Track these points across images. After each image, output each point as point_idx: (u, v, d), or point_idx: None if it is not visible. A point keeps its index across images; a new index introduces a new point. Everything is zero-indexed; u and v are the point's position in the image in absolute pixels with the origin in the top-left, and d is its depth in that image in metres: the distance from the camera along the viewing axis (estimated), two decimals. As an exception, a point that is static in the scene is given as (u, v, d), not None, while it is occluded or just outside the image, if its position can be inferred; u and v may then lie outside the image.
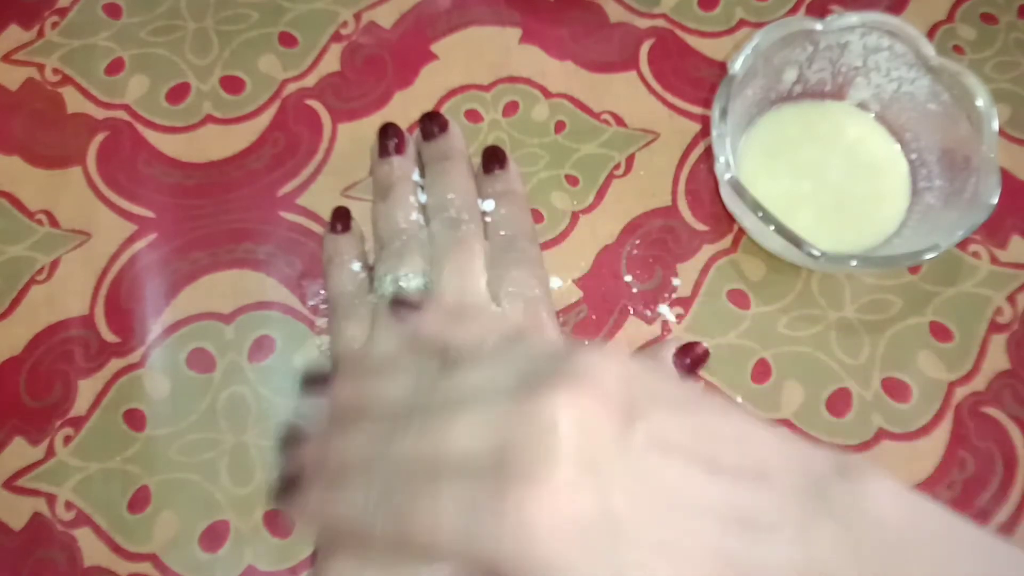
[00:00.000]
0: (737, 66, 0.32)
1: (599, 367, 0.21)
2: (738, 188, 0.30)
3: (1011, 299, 0.34)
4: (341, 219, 0.33)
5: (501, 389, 0.22)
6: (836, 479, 0.21)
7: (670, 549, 0.20)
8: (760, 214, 0.30)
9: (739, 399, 0.33)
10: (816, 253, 0.29)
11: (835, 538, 0.20)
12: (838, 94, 0.35)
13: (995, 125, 0.31)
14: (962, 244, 0.35)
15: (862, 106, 0.35)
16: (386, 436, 0.23)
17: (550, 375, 0.21)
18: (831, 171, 0.35)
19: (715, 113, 0.31)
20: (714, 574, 0.20)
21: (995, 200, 0.30)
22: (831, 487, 0.20)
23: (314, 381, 0.30)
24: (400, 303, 0.28)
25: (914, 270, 0.35)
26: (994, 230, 0.35)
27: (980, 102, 0.31)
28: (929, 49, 0.32)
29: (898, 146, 0.35)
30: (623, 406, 0.21)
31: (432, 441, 0.22)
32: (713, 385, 0.33)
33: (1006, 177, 0.36)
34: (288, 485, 0.26)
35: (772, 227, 0.30)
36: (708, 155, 0.36)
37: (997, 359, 0.33)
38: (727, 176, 0.31)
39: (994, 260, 0.35)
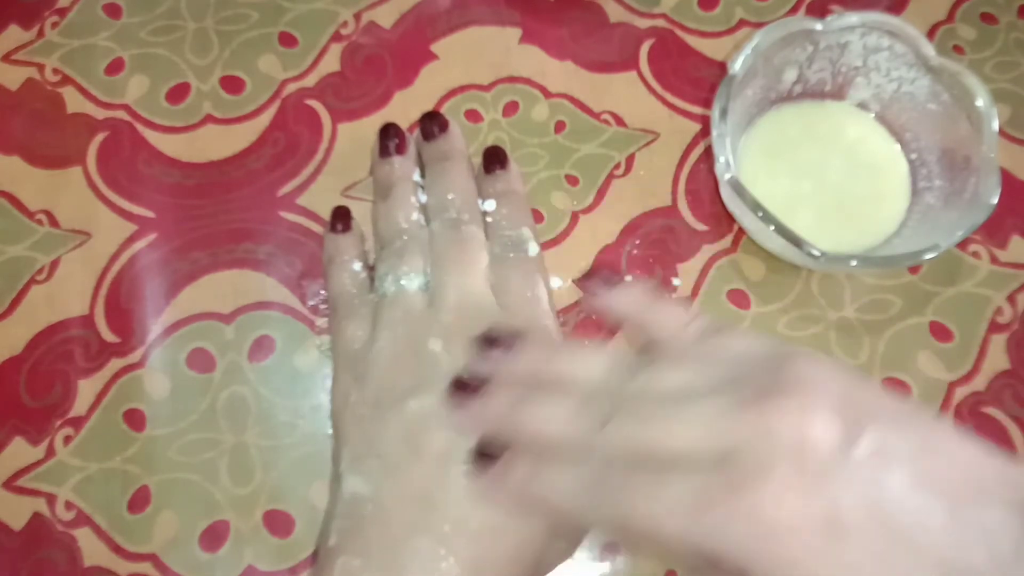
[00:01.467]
0: (737, 66, 0.32)
1: (820, 375, 0.22)
2: (738, 188, 0.30)
3: (1011, 299, 0.34)
4: (342, 219, 0.33)
5: (721, 388, 0.22)
6: None
7: (892, 559, 0.20)
8: (760, 214, 0.30)
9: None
10: (816, 253, 0.29)
11: None
12: (838, 94, 0.35)
13: (995, 125, 0.31)
14: (962, 244, 0.35)
15: (862, 106, 0.35)
16: (590, 417, 0.23)
17: (772, 382, 0.21)
18: (831, 171, 0.35)
19: (715, 113, 0.31)
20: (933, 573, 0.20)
21: (995, 200, 0.30)
22: None
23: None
24: (598, 277, 0.27)
25: (914, 270, 0.35)
26: (994, 230, 0.35)
27: (980, 102, 0.31)
28: (929, 49, 0.32)
29: (898, 146, 0.35)
30: (847, 416, 0.21)
31: (652, 434, 0.22)
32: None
33: (1006, 177, 0.36)
34: (488, 454, 0.25)
35: (772, 227, 0.30)
36: (708, 155, 0.36)
37: (997, 359, 0.33)
38: (727, 176, 0.31)
39: (994, 260, 0.35)
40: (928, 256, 0.30)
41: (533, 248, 0.32)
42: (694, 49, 0.38)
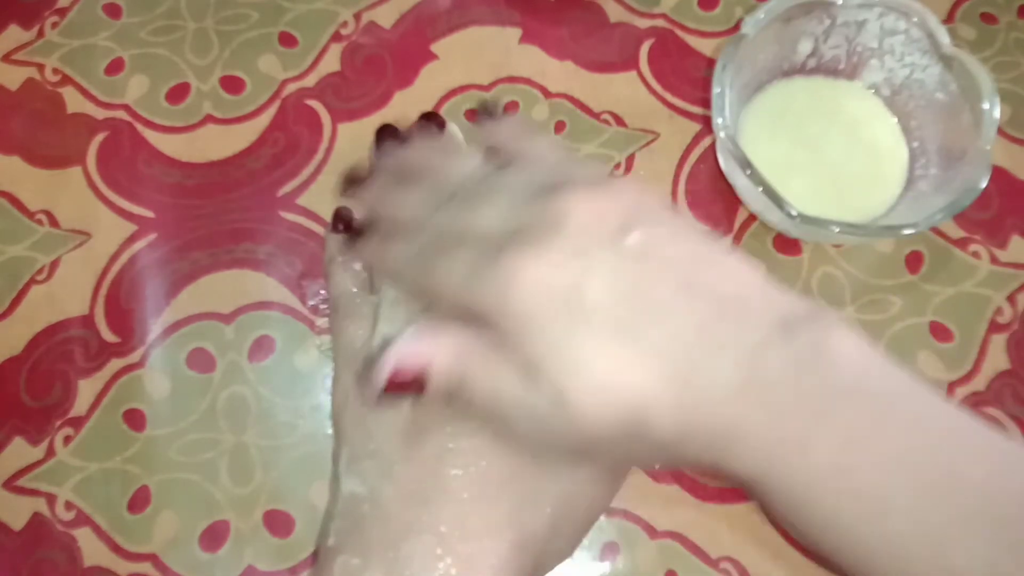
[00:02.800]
0: (749, 26, 0.32)
1: (620, 184, 0.24)
2: (731, 145, 0.30)
3: (1011, 299, 0.34)
4: (343, 219, 0.33)
5: (534, 186, 0.25)
6: (806, 320, 0.22)
7: (622, 338, 0.22)
8: (748, 171, 0.30)
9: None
10: (793, 213, 0.30)
11: (783, 365, 0.21)
12: (851, 74, 0.36)
13: (996, 119, 0.31)
14: (962, 244, 0.35)
15: (873, 89, 0.35)
16: (436, 206, 0.27)
17: (576, 180, 0.24)
18: (831, 147, 0.35)
19: (718, 69, 0.31)
20: (659, 370, 0.21)
21: (983, 184, 0.30)
22: (798, 325, 0.22)
23: (390, 134, 0.32)
24: (482, 110, 0.30)
25: (914, 270, 0.35)
26: (994, 230, 0.35)
27: (985, 94, 0.31)
28: (944, 36, 0.32)
29: (902, 133, 0.35)
30: (628, 216, 0.23)
31: (465, 217, 0.25)
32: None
33: (1006, 177, 0.36)
34: (355, 229, 0.30)
35: (760, 187, 0.30)
36: (708, 155, 0.36)
37: (997, 359, 0.33)
38: (722, 133, 0.31)
39: (994, 260, 0.35)
40: (906, 232, 0.30)
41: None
42: (694, 49, 0.38)
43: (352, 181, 0.31)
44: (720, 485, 0.31)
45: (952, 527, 0.20)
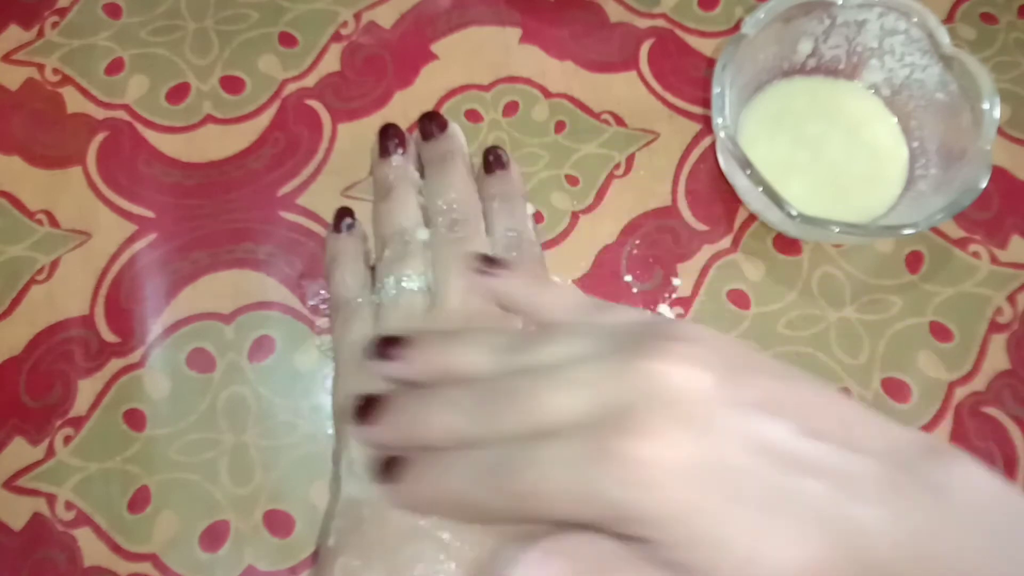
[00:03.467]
0: (749, 25, 0.32)
1: (699, 332, 0.22)
2: (731, 145, 0.30)
3: (1011, 299, 0.34)
4: (344, 219, 0.33)
5: (600, 353, 0.22)
6: (928, 457, 0.21)
7: (775, 503, 0.20)
8: (748, 172, 0.30)
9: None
10: (793, 213, 0.30)
11: (929, 512, 0.20)
12: (851, 74, 0.36)
13: (996, 119, 0.31)
14: (962, 244, 0.35)
15: (873, 89, 0.35)
16: (484, 412, 0.23)
17: (651, 338, 0.21)
18: (831, 147, 0.35)
19: (717, 68, 0.31)
20: (815, 531, 0.20)
21: (983, 184, 0.30)
22: (923, 464, 0.21)
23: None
24: (485, 259, 0.28)
25: (914, 270, 0.35)
26: (994, 230, 0.35)
27: (985, 94, 0.31)
28: (944, 37, 0.32)
29: (902, 133, 0.35)
30: (726, 368, 0.21)
31: (534, 412, 0.22)
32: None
33: (1006, 177, 0.36)
34: (388, 467, 0.25)
35: (760, 187, 0.30)
36: (708, 155, 0.36)
37: (997, 359, 0.33)
38: (722, 133, 0.31)
39: (994, 260, 0.35)
40: (906, 232, 0.30)
41: (534, 249, 0.32)
42: (694, 49, 0.38)
43: (364, 410, 0.26)
44: None
45: None
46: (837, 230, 0.30)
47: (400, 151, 0.33)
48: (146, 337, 0.33)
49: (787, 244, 0.35)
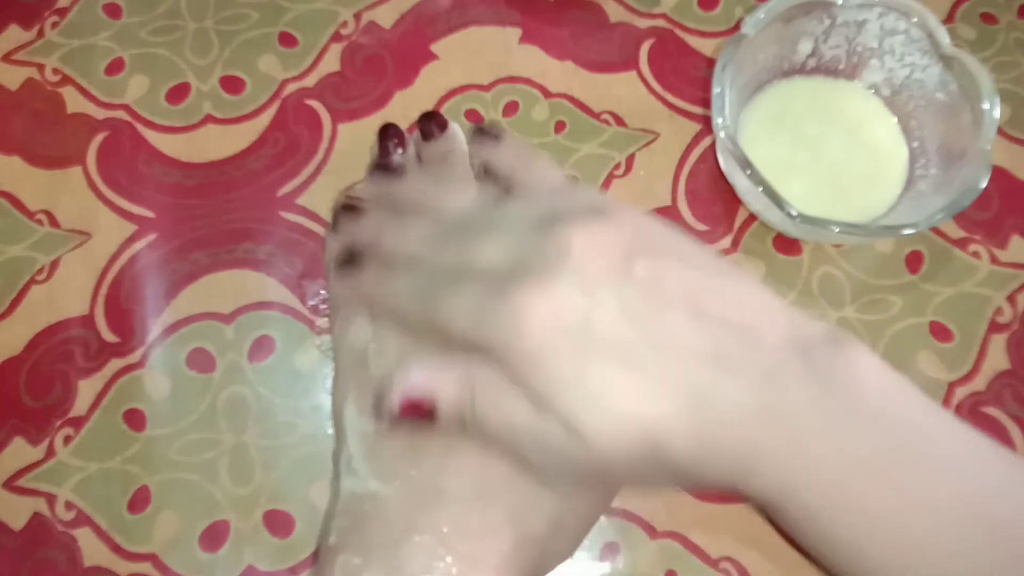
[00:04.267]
0: (749, 26, 0.32)
1: (621, 212, 0.24)
2: (731, 145, 0.30)
3: (1011, 299, 0.34)
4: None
5: (534, 216, 0.25)
6: (823, 344, 0.22)
7: (635, 369, 0.22)
8: (748, 172, 0.30)
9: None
10: (794, 213, 0.30)
11: (805, 392, 0.21)
12: (851, 74, 0.36)
13: (996, 119, 0.31)
14: (962, 244, 0.35)
15: (873, 89, 0.35)
16: (437, 239, 0.27)
17: (576, 210, 0.24)
18: (831, 147, 0.35)
19: (717, 68, 0.31)
20: (673, 398, 0.21)
21: (983, 184, 0.30)
22: (815, 348, 0.22)
23: (392, 134, 0.32)
24: (481, 131, 0.31)
25: (914, 270, 0.35)
26: (994, 230, 0.35)
27: (985, 94, 0.31)
28: (944, 37, 0.32)
29: (902, 133, 0.35)
30: (632, 245, 0.23)
31: (467, 250, 0.25)
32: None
33: (1006, 177, 0.36)
34: (349, 258, 0.29)
35: (760, 187, 0.30)
36: (708, 155, 0.36)
37: (997, 359, 0.33)
38: (722, 133, 0.31)
39: (994, 260, 0.35)
40: (907, 232, 0.30)
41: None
42: (694, 49, 0.38)
43: (347, 209, 0.31)
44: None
45: (985, 564, 0.20)
46: (837, 230, 0.30)
47: (400, 151, 0.33)
48: (146, 337, 0.33)
49: (787, 244, 0.35)
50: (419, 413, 0.24)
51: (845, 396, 0.21)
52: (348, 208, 0.31)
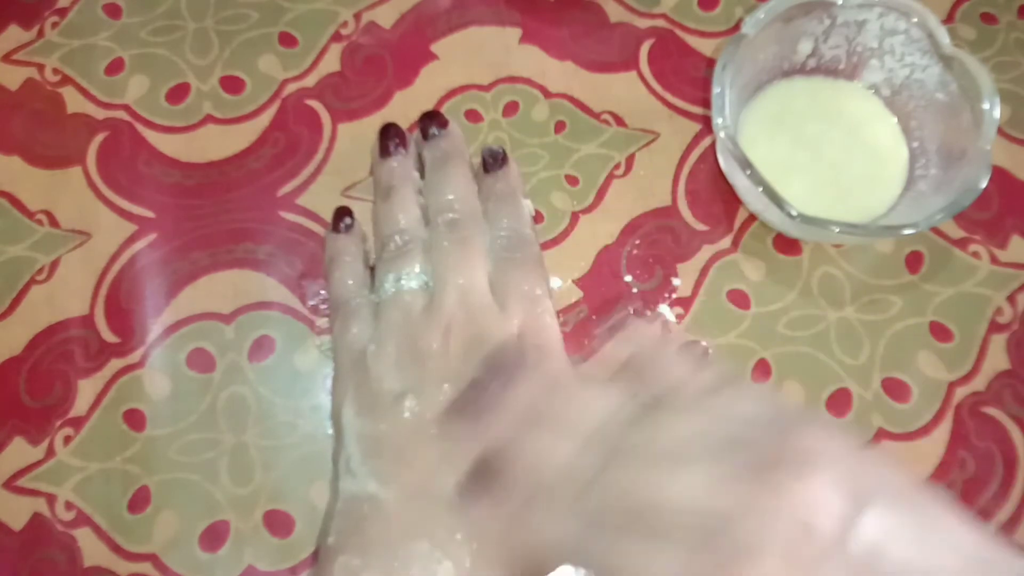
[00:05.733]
0: (749, 26, 0.32)
1: (826, 450, 0.20)
2: (731, 145, 0.30)
3: (1011, 299, 0.34)
4: (343, 218, 0.33)
5: (717, 451, 0.21)
6: None
7: None
8: (748, 172, 0.30)
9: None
10: (793, 213, 0.30)
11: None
12: (851, 74, 0.36)
13: (996, 119, 0.31)
14: (962, 244, 0.35)
15: (873, 89, 0.35)
16: (586, 460, 0.22)
17: (776, 452, 0.20)
18: (831, 147, 0.35)
19: (717, 68, 0.31)
20: None
21: (983, 184, 0.30)
22: None
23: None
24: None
25: (914, 270, 0.35)
26: (994, 230, 0.35)
27: (985, 94, 0.31)
28: (944, 37, 0.32)
29: (902, 133, 0.35)
30: (849, 495, 0.20)
31: (649, 489, 0.21)
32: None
33: (1006, 177, 0.36)
34: (480, 476, 0.24)
35: (760, 187, 0.30)
36: (708, 155, 0.36)
37: (997, 359, 0.33)
38: (722, 133, 0.31)
39: (994, 260, 0.35)
40: (907, 232, 0.30)
41: (534, 249, 0.32)
42: (694, 49, 0.38)
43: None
44: None
45: None
46: (837, 230, 0.30)
47: (401, 150, 0.33)
48: (146, 337, 0.33)
49: (787, 244, 0.35)
50: None
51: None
52: (462, 406, 0.26)
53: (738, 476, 0.20)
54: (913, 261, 0.35)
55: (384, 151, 0.33)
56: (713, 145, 0.36)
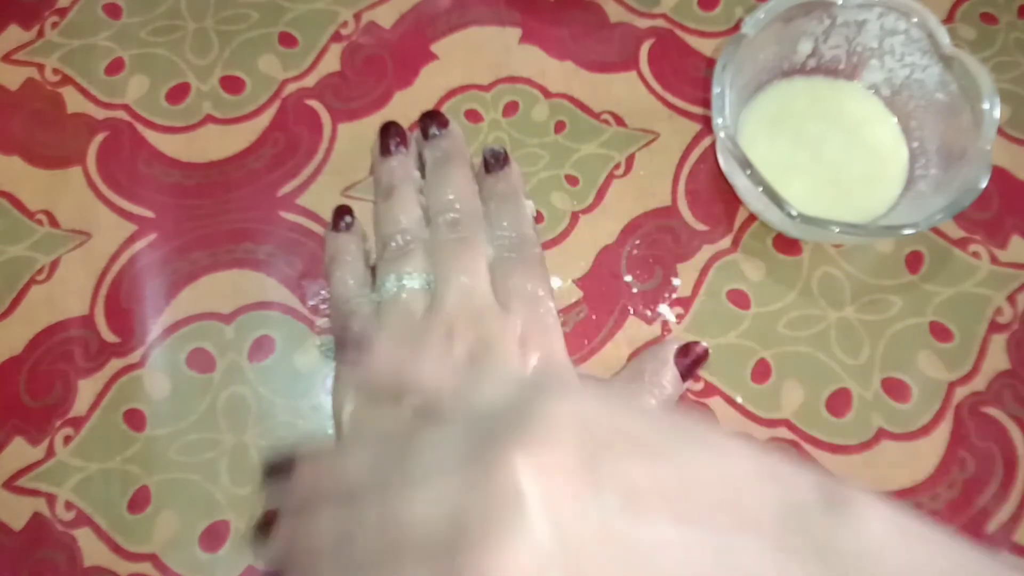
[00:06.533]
0: (749, 25, 0.32)
1: (557, 416, 0.20)
2: (731, 145, 0.30)
3: (1011, 299, 0.34)
4: (343, 217, 0.33)
5: (458, 454, 0.20)
6: (820, 511, 0.19)
7: None
8: (748, 172, 0.30)
9: (739, 399, 0.33)
10: (793, 213, 0.30)
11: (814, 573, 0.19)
12: (851, 74, 0.36)
13: (996, 119, 0.31)
14: (962, 244, 0.35)
15: (873, 89, 0.35)
16: (350, 517, 0.22)
17: (504, 433, 0.20)
18: (832, 147, 0.35)
19: (717, 68, 0.31)
20: None
21: (983, 184, 0.30)
22: (814, 520, 0.19)
23: (277, 470, 0.26)
24: (346, 346, 0.27)
25: (914, 270, 0.35)
26: (994, 230, 0.35)
27: (985, 94, 0.31)
28: (944, 37, 0.32)
29: (902, 133, 0.35)
30: (587, 459, 0.19)
31: (391, 521, 0.20)
32: (712, 386, 0.33)
33: (1006, 177, 0.36)
34: (264, 525, 0.25)
35: (760, 187, 0.30)
36: (708, 155, 0.36)
37: (997, 359, 0.33)
38: (722, 133, 0.31)
39: (994, 260, 0.35)
40: (906, 232, 0.30)
41: (534, 249, 0.32)
42: (694, 49, 0.38)
43: (263, 528, 0.26)
44: None
45: None
46: (837, 230, 0.30)
47: (402, 149, 0.33)
48: (146, 337, 0.33)
49: (787, 244, 0.35)
50: None
51: (858, 567, 0.19)
52: (261, 527, 0.26)
53: (469, 473, 0.19)
54: (913, 261, 0.35)
55: (385, 150, 0.33)
56: (713, 145, 0.36)
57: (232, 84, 0.37)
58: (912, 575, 0.19)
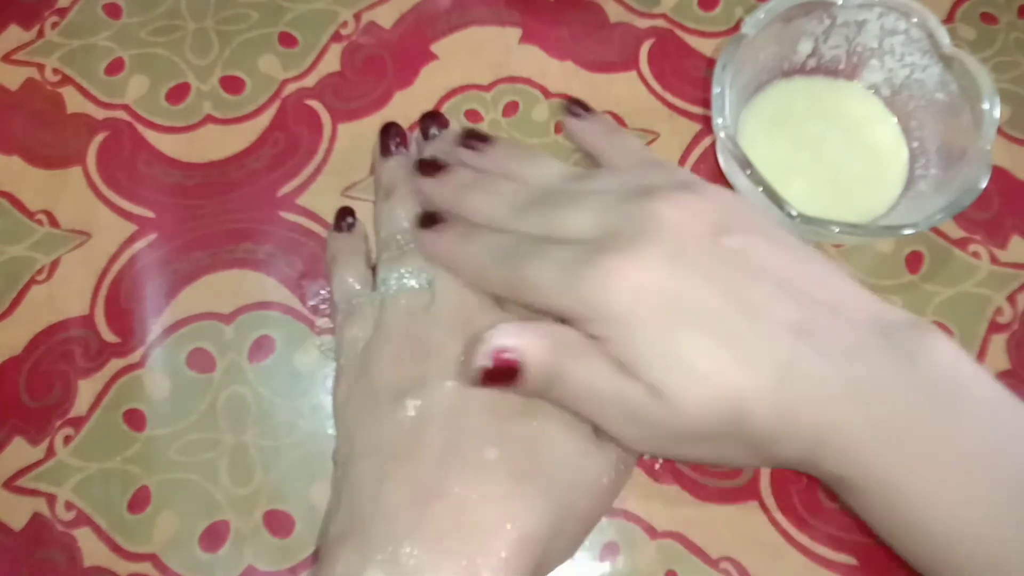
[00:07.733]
0: (749, 26, 0.32)
1: (711, 189, 0.25)
2: (731, 145, 0.30)
3: (1011, 299, 0.34)
4: (345, 218, 0.34)
5: (622, 191, 0.25)
6: (907, 328, 0.23)
7: (723, 337, 0.22)
8: (748, 172, 0.30)
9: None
10: (793, 213, 0.30)
11: (890, 370, 0.22)
12: (851, 74, 0.36)
13: (996, 115, 0.31)
14: (962, 244, 0.35)
15: (873, 89, 0.35)
16: (523, 205, 0.27)
17: (664, 185, 0.25)
18: (832, 148, 0.35)
19: (717, 68, 0.31)
20: (760, 369, 0.22)
21: (983, 184, 0.30)
22: (899, 331, 0.23)
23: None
24: (569, 108, 0.33)
25: (914, 270, 0.35)
26: (994, 230, 0.35)
27: (985, 94, 0.31)
28: (944, 37, 0.32)
29: (902, 133, 0.35)
30: (721, 220, 0.24)
31: (554, 219, 0.26)
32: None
33: (1006, 177, 0.36)
34: (430, 219, 0.30)
35: (760, 187, 0.30)
36: (708, 155, 0.36)
37: (997, 359, 0.33)
38: (722, 133, 0.31)
39: (994, 260, 0.35)
40: (906, 232, 0.30)
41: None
42: (694, 49, 0.38)
43: (426, 167, 0.31)
44: (728, 485, 0.31)
45: None
46: (837, 230, 0.30)
47: (402, 149, 0.33)
48: (146, 337, 0.33)
49: (787, 244, 0.35)
50: (507, 373, 0.24)
51: (927, 377, 0.22)
52: (428, 166, 0.30)
53: (627, 198, 0.25)
54: (913, 261, 0.35)
55: (385, 150, 0.33)
56: (713, 145, 0.36)
57: (232, 84, 0.37)
58: (968, 406, 0.22)
